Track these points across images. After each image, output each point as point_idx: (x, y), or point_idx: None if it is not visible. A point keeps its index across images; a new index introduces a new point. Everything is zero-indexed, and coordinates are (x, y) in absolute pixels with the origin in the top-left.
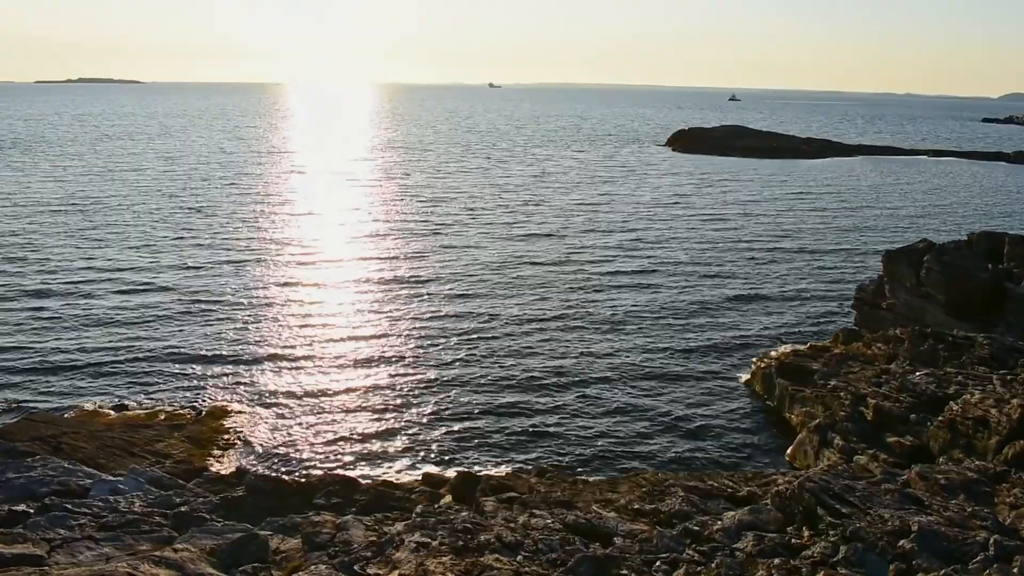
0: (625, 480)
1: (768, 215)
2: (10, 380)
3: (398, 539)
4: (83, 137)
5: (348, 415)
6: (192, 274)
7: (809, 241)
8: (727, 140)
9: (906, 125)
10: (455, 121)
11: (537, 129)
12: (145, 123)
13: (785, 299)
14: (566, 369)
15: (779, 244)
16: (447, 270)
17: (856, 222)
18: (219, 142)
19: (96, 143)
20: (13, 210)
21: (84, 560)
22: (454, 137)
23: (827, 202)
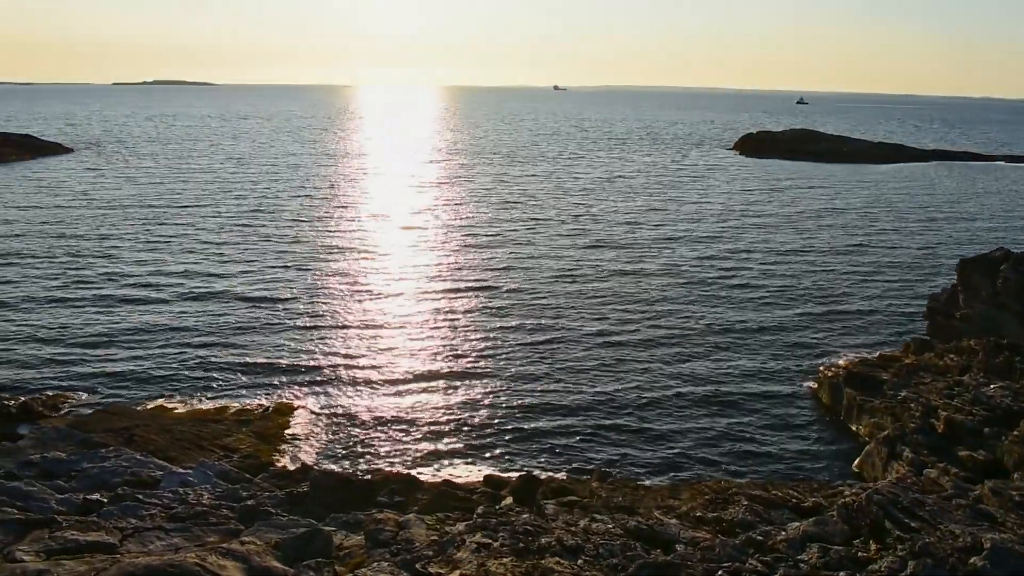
0: (687, 487)
1: (839, 221)
2: (85, 374)
3: (459, 539)
4: (155, 138)
5: (411, 415)
6: (258, 275)
7: (880, 248)
8: (796, 144)
9: (983, 130)
10: (520, 124)
11: (603, 132)
12: (216, 125)
13: (854, 307)
14: (630, 374)
15: (850, 251)
16: (512, 275)
17: (929, 229)
18: (286, 144)
19: (168, 144)
20: (86, 210)
21: (154, 550)
22: (519, 140)
23: (900, 209)
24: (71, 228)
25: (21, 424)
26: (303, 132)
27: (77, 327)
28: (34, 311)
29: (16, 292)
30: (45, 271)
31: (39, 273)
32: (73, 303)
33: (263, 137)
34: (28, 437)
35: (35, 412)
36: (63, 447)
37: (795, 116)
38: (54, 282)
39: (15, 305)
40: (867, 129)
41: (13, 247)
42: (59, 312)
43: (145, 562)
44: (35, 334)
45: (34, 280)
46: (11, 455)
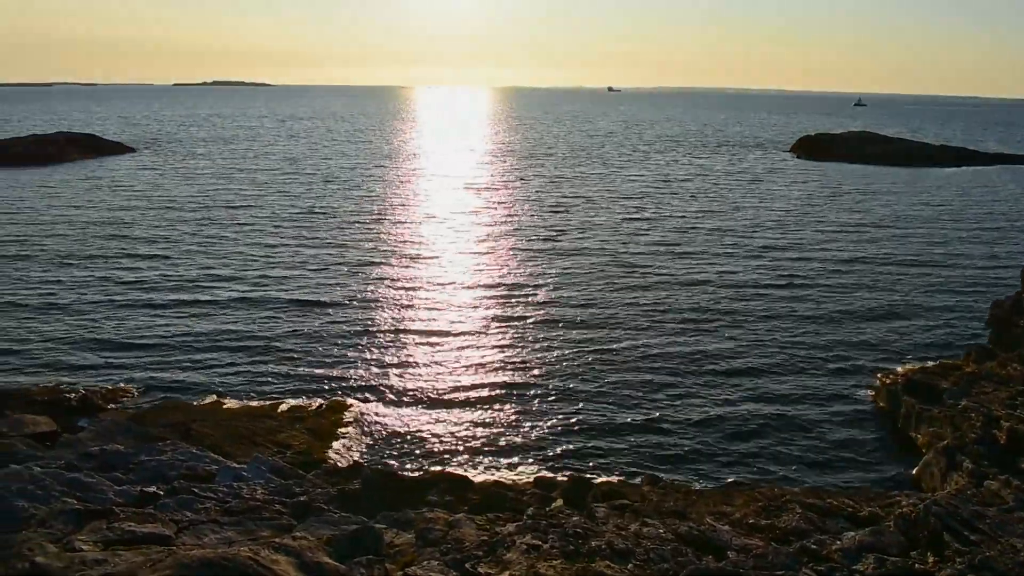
0: (740, 493)
1: (900, 225)
2: (143, 370)
3: (509, 540)
4: (212, 138)
5: (463, 414)
6: (311, 277)
7: (942, 253)
8: (855, 146)
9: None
10: (574, 125)
11: (657, 134)
12: (271, 125)
13: (915, 314)
14: (683, 378)
15: (910, 256)
16: (564, 279)
17: (993, 235)
18: (341, 145)
19: (224, 144)
20: (145, 210)
21: (209, 543)
22: (572, 142)
23: (962, 214)
24: (128, 228)
25: (81, 417)
26: (357, 133)
27: (134, 325)
28: (93, 309)
29: (76, 291)
30: (103, 270)
31: (99, 272)
32: (130, 302)
33: (317, 138)
34: (88, 429)
35: (95, 405)
36: (121, 440)
37: (853, 118)
38: (112, 281)
39: (75, 303)
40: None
41: (73, 246)
42: (117, 310)
43: (200, 555)
44: (95, 331)
45: (94, 279)
46: (71, 447)
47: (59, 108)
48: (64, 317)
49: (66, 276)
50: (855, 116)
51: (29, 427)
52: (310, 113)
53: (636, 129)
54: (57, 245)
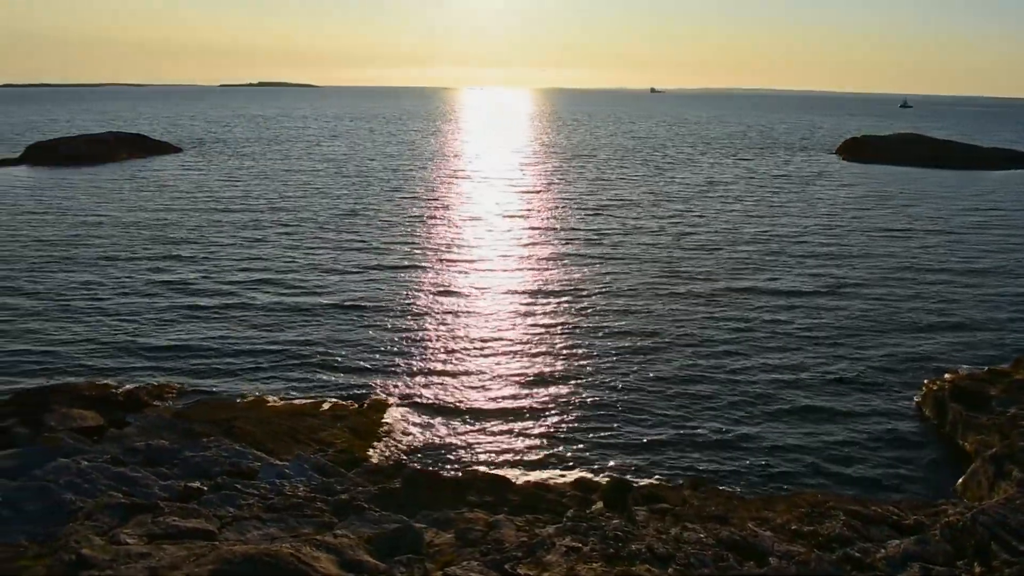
0: (783, 499)
1: (948, 229)
2: (188, 367)
3: (549, 542)
4: (256, 139)
5: (503, 416)
6: (353, 277)
7: (992, 258)
8: (903, 149)
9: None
10: (616, 126)
11: (701, 136)
12: (315, 126)
13: (963, 320)
14: (725, 383)
15: (960, 261)
16: (607, 282)
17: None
18: (383, 146)
19: (268, 145)
20: (189, 210)
21: (251, 538)
22: (615, 143)
23: (1013, 217)
24: (173, 228)
25: (128, 412)
26: (400, 134)
27: (178, 324)
28: (138, 308)
29: (121, 290)
30: (148, 270)
31: (143, 272)
32: (174, 302)
33: (360, 139)
34: (134, 425)
35: (141, 401)
36: (166, 435)
37: (900, 119)
38: (156, 281)
39: (120, 302)
40: (978, 134)
41: (118, 246)
42: (161, 310)
43: (242, 550)
44: (139, 330)
45: (138, 279)
46: (118, 441)
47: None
48: (108, 316)
49: (110, 275)
50: (901, 117)
51: (76, 421)
52: (354, 114)
53: (680, 131)
54: (103, 244)
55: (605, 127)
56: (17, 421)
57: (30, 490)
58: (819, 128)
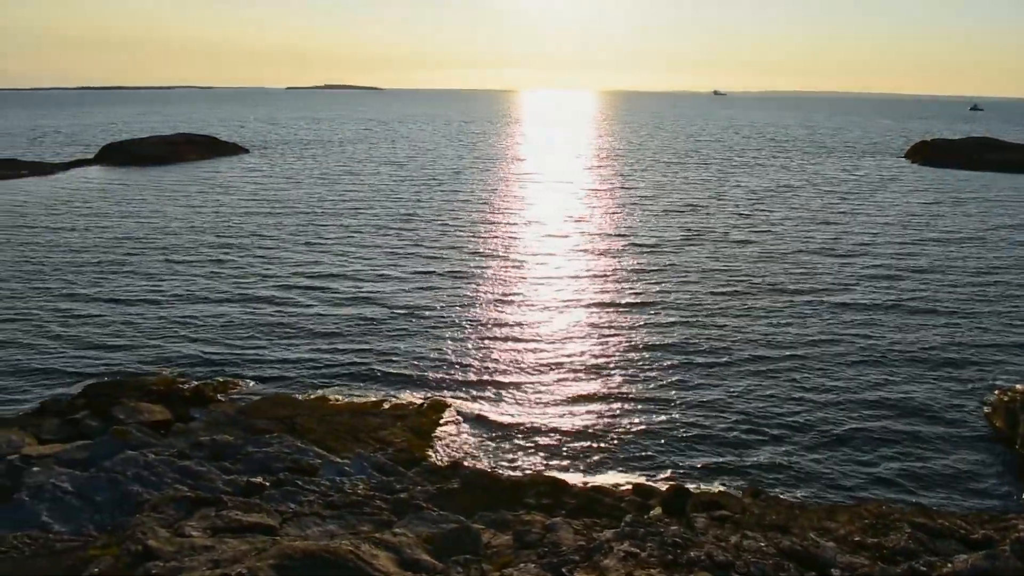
0: (846, 510)
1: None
2: (252, 365)
3: (606, 546)
4: (320, 141)
5: (561, 420)
6: (413, 279)
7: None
8: (975, 153)
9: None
10: (679, 129)
11: (766, 139)
12: (378, 129)
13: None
14: (790, 391)
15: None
16: (669, 287)
17: None
18: (445, 148)
19: (331, 147)
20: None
21: (312, 535)
22: (677, 146)
23: None
24: (236, 228)
25: (194, 407)
26: (462, 136)
27: (243, 321)
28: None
29: (187, 288)
30: (212, 269)
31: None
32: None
33: (423, 141)
34: (199, 420)
35: (207, 397)
36: (230, 431)
37: (970, 123)
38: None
39: (185, 300)
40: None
41: (184, 244)
42: (223, 309)
43: (303, 546)
44: (207, 325)
45: (203, 277)
46: (184, 436)
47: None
48: (171, 314)
49: (173, 274)
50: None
51: (145, 415)
52: (416, 117)
53: (744, 133)
54: (167, 243)
55: (667, 130)
56: (88, 414)
57: (99, 481)
58: (886, 131)
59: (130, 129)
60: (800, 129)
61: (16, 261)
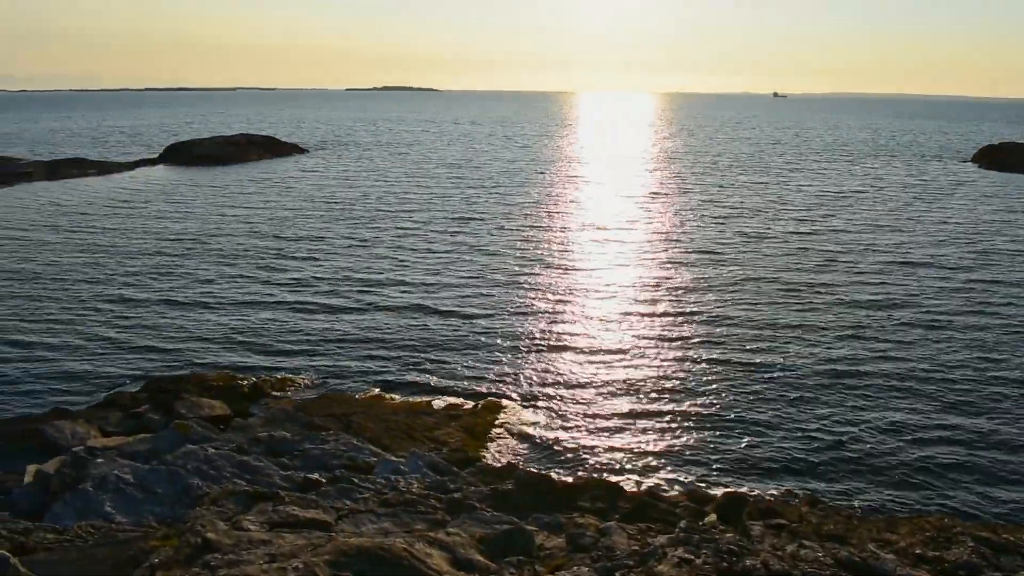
0: (906, 522)
1: None
2: (309, 362)
3: (661, 551)
4: (377, 143)
5: (616, 423)
6: (465, 279)
7: None
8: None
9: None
10: (738, 132)
11: (827, 142)
12: (434, 130)
13: None
14: (850, 401)
15: None
16: (726, 292)
17: None
18: (500, 150)
19: (388, 147)
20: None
21: (366, 532)
22: (736, 149)
23: None
24: (293, 227)
25: (252, 403)
26: (518, 138)
27: (299, 321)
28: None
29: (246, 288)
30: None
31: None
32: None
33: (478, 143)
34: (258, 416)
35: (265, 393)
36: (288, 427)
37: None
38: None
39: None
40: None
41: (243, 244)
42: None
43: (358, 543)
44: (262, 325)
45: (261, 277)
46: (242, 431)
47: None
48: (228, 312)
49: (233, 274)
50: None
51: (205, 410)
52: (473, 118)
53: (804, 136)
54: (225, 242)
55: (726, 132)
56: (150, 408)
57: (161, 474)
58: (951, 134)
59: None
60: (862, 132)
61: (80, 259)
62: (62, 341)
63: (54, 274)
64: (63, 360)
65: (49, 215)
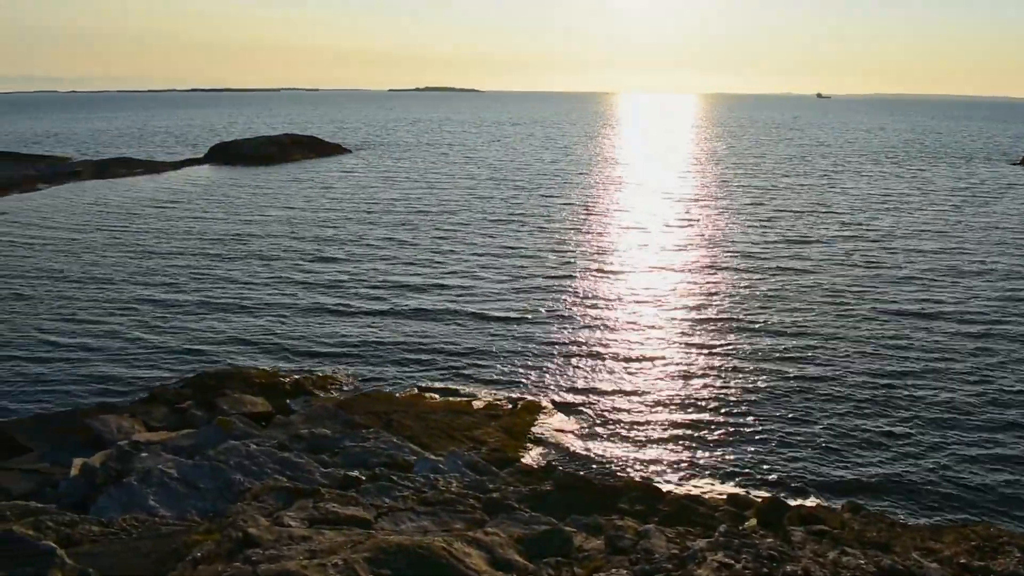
0: (951, 530)
1: None
2: (350, 360)
3: (700, 556)
4: (419, 143)
5: (656, 426)
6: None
7: None
8: None
9: None
10: (780, 133)
11: (872, 144)
12: (475, 131)
13: None
14: (896, 410)
15: None
16: (769, 297)
17: None
18: (540, 151)
19: (429, 148)
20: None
21: (405, 530)
22: (778, 151)
23: None
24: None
25: (294, 400)
26: (558, 139)
27: (341, 321)
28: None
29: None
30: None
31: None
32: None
33: (518, 143)
34: (299, 413)
35: (306, 390)
36: (329, 425)
37: None
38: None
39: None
40: None
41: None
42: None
43: (397, 541)
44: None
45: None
46: (284, 428)
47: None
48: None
49: (274, 272)
50: None
51: (247, 407)
52: (514, 119)
53: (849, 137)
54: (268, 242)
55: (769, 134)
56: (194, 404)
57: (203, 469)
58: (999, 136)
59: (237, 130)
60: (908, 133)
61: (125, 258)
62: (107, 338)
63: (99, 272)
64: (108, 356)
65: (96, 214)
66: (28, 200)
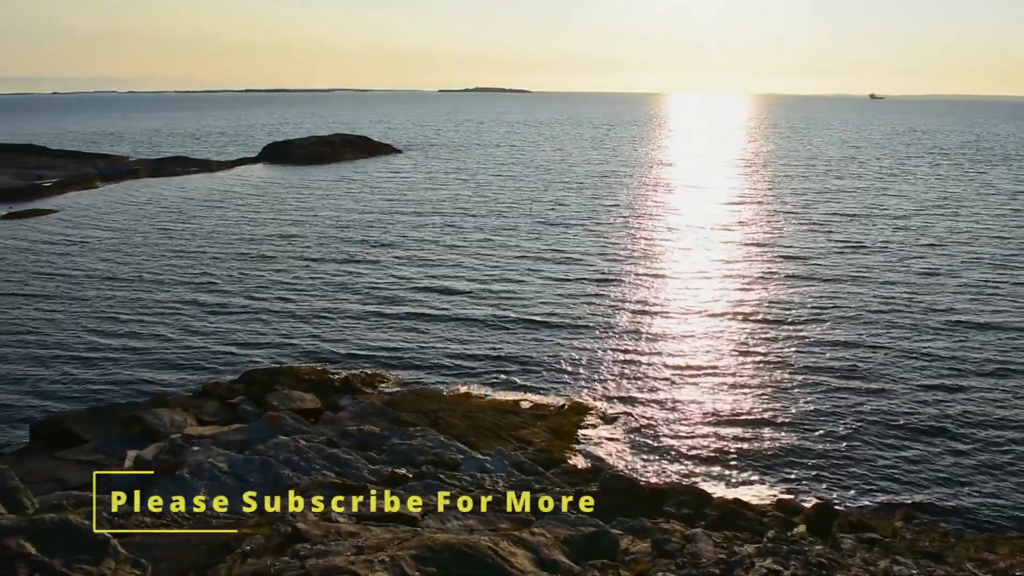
0: (1007, 541)
1: None
2: (399, 357)
3: (748, 561)
4: (468, 143)
5: (704, 429)
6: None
7: None
8: None
9: None
10: (833, 135)
11: (927, 146)
12: (523, 131)
13: None
14: (953, 419)
15: None
16: (822, 303)
17: None
18: (589, 151)
19: (478, 148)
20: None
21: (451, 528)
22: (830, 153)
23: None
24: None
25: (343, 396)
26: (607, 140)
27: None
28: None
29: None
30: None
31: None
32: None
33: (568, 144)
34: (347, 409)
35: (354, 387)
36: (377, 422)
37: None
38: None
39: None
40: None
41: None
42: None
43: (443, 539)
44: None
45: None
46: (332, 424)
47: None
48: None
49: (323, 271)
50: None
51: (297, 403)
52: (563, 119)
53: (904, 140)
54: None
55: (822, 135)
56: (245, 399)
57: (253, 463)
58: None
59: (291, 130)
60: (965, 135)
61: (179, 255)
62: (161, 333)
63: (153, 269)
64: (161, 351)
65: (152, 212)
66: (87, 197)
